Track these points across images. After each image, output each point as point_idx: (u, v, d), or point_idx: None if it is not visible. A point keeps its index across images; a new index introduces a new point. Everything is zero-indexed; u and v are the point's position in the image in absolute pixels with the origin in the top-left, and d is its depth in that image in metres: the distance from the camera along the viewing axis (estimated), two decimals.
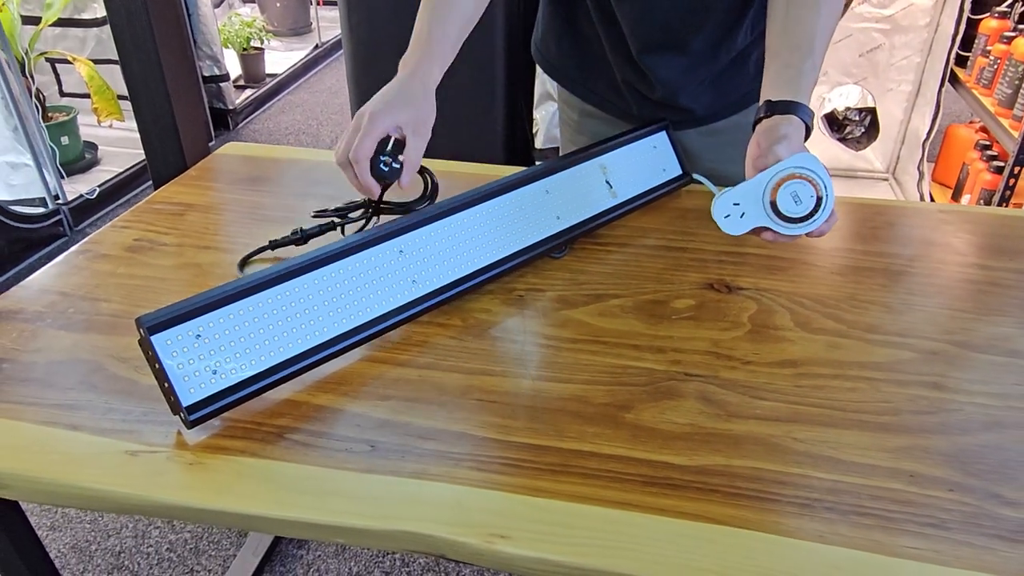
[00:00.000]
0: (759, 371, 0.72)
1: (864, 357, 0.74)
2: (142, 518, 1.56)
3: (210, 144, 3.32)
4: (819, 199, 0.75)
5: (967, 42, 2.62)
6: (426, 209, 0.80)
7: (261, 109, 3.93)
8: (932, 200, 2.77)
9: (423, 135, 0.83)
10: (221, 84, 3.48)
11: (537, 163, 2.11)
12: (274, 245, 0.91)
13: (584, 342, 0.75)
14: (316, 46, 4.80)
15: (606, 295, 0.83)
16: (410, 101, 0.83)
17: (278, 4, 5.14)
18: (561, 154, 1.13)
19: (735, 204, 0.77)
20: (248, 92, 3.95)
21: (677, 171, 1.06)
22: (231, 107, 3.57)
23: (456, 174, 1.14)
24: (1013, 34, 2.25)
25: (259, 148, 1.23)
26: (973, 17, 2.57)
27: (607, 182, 0.97)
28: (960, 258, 0.92)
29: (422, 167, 0.87)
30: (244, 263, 0.88)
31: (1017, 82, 2.13)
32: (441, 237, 0.80)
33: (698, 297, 0.83)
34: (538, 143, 2.01)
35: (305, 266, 0.69)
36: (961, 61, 2.66)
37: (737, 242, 0.95)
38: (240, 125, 3.68)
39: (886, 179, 3.12)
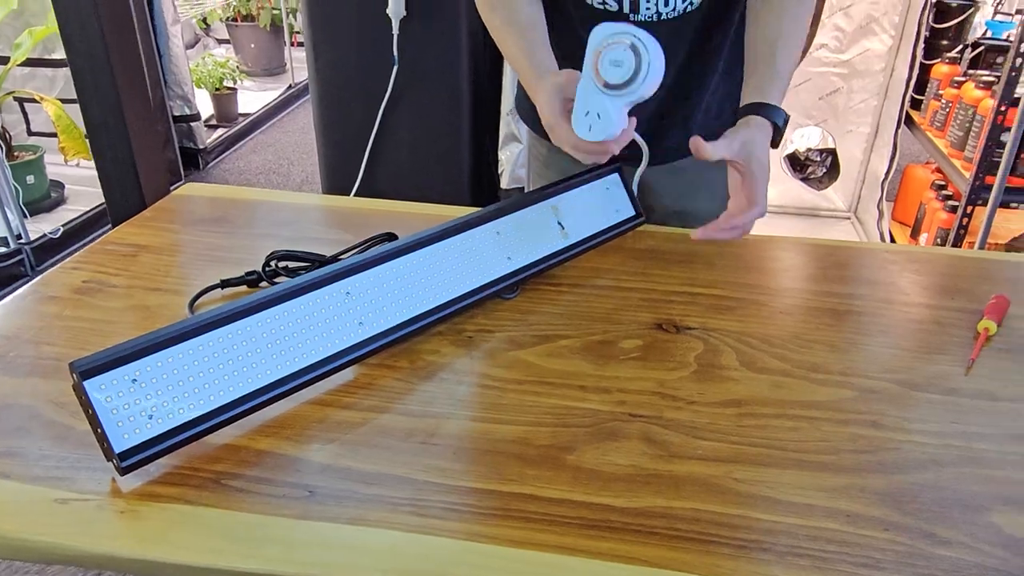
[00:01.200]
0: (703, 411, 0.72)
1: (807, 396, 0.75)
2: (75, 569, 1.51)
3: (178, 184, 3.32)
4: (639, 58, 0.76)
5: (921, 86, 2.71)
6: (375, 251, 0.80)
7: (232, 148, 3.93)
8: (892, 238, 2.83)
9: None
10: (192, 124, 3.48)
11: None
12: (225, 284, 0.90)
13: (530, 383, 0.76)
14: (289, 86, 4.84)
15: (555, 336, 0.84)
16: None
17: (252, 45, 5.19)
18: (530, 189, 1.15)
19: (586, 113, 0.80)
20: (220, 131, 3.96)
21: (630, 212, 1.07)
22: (202, 146, 3.57)
23: (418, 215, 1.14)
24: (963, 79, 2.34)
25: (218, 189, 1.23)
26: (925, 62, 2.67)
27: (559, 223, 0.98)
28: (904, 297, 0.94)
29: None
30: (194, 304, 0.88)
31: (967, 125, 2.20)
32: (390, 279, 0.80)
33: (646, 337, 0.84)
34: (503, 183, 2.04)
35: (247, 309, 0.69)
36: (916, 104, 2.75)
37: (688, 282, 0.96)
38: (211, 164, 3.68)
39: (848, 218, 3.18)
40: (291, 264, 0.94)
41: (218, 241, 1.04)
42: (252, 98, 4.60)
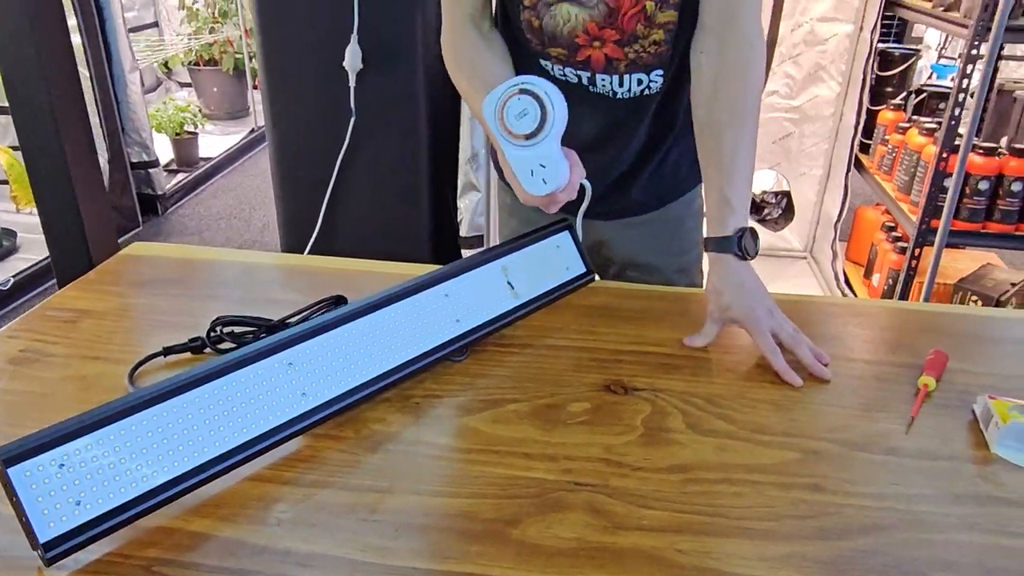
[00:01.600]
0: (649, 478, 0.72)
1: (751, 459, 0.75)
2: None
3: (135, 230, 3.27)
4: (536, 98, 0.79)
5: (869, 131, 2.80)
6: (319, 319, 0.80)
7: (193, 193, 3.90)
8: (846, 279, 2.89)
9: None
10: (150, 170, 3.45)
11: (445, 264, 2.14)
12: (167, 352, 0.89)
13: (477, 452, 0.75)
14: (252, 130, 4.83)
15: (503, 400, 0.83)
16: None
17: (215, 89, 5.19)
18: (499, 237, 1.16)
19: (531, 172, 0.84)
20: (180, 176, 3.93)
21: (581, 269, 1.08)
22: (160, 192, 3.54)
23: (371, 273, 1.14)
24: (907, 125, 2.42)
25: (166, 248, 1.21)
26: (872, 108, 2.76)
27: (509, 283, 0.98)
28: (848, 352, 0.96)
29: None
30: (133, 374, 0.86)
31: (913, 170, 2.27)
32: (335, 347, 0.79)
33: (595, 400, 0.84)
34: (463, 231, 2.05)
35: (181, 386, 0.67)
36: (865, 148, 2.84)
37: (638, 340, 0.97)
38: (170, 210, 3.64)
39: (804, 257, 3.25)
40: (237, 329, 0.92)
41: (164, 304, 1.03)
42: (214, 142, 4.59)
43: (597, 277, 1.11)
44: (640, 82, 1.01)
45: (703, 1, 0.94)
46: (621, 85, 1.01)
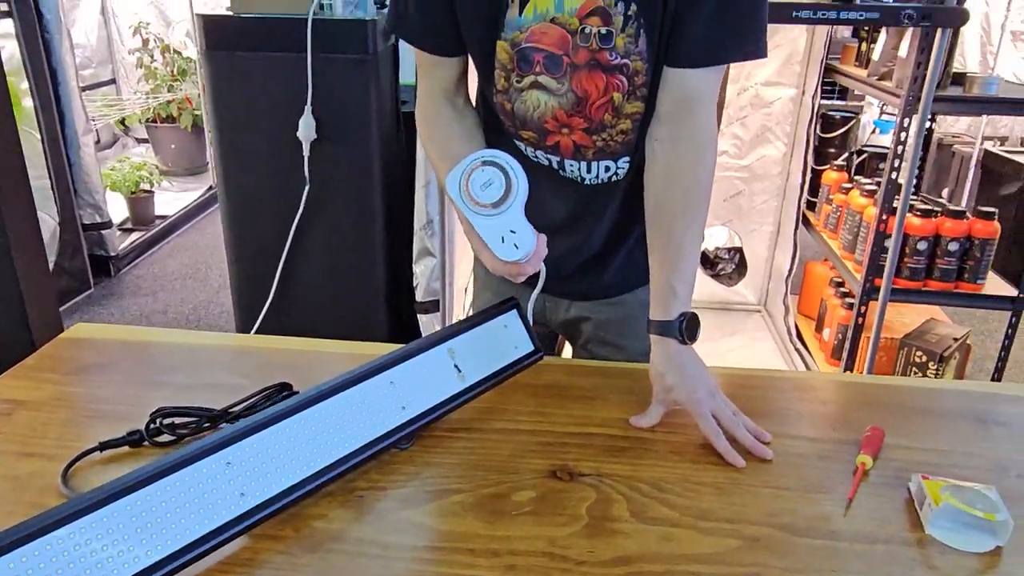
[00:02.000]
0: (592, 572, 0.72)
1: (693, 548, 0.76)
2: None
3: (88, 292, 3.20)
4: (499, 167, 0.83)
5: (816, 188, 2.90)
6: (259, 416, 0.79)
7: (148, 253, 3.85)
8: (798, 333, 2.95)
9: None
10: (103, 231, 3.40)
11: (401, 330, 2.14)
12: (104, 447, 0.87)
13: (420, 549, 0.74)
14: (211, 186, 4.80)
15: (448, 490, 0.83)
16: None
17: (172, 146, 5.17)
18: (472, 309, 1.16)
19: (501, 240, 0.87)
20: (135, 236, 3.88)
21: (529, 348, 1.09)
22: (113, 253, 3.49)
23: (319, 354, 1.13)
24: (850, 186, 2.51)
25: (109, 329, 1.19)
26: (816, 168, 2.86)
27: (456, 366, 0.98)
28: (789, 428, 0.97)
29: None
30: (67, 472, 0.83)
31: (856, 229, 2.35)
32: (275, 443, 0.78)
33: (540, 487, 0.84)
34: (419, 296, 2.05)
35: (113, 494, 0.66)
36: (812, 205, 2.93)
37: (585, 421, 0.97)
38: (123, 271, 3.59)
39: (759, 311, 3.32)
40: (177, 420, 0.91)
41: (104, 392, 1.01)
42: (171, 199, 4.55)
43: (545, 355, 1.12)
44: (607, 169, 1.04)
45: (660, 91, 0.96)
46: (589, 171, 1.04)
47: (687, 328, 0.96)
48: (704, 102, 0.96)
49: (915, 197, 2.54)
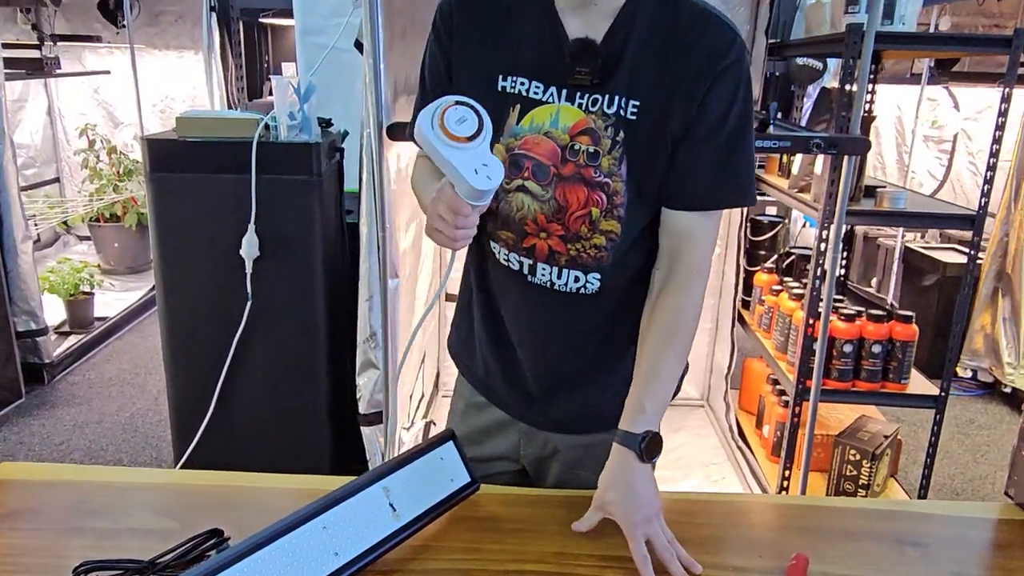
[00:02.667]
0: None
1: None
2: None
3: (19, 402, 3.09)
4: (470, 106, 0.91)
5: (750, 287, 3.02)
6: (187, 573, 0.78)
7: (85, 357, 3.75)
8: (739, 429, 3.01)
9: None
10: (38, 338, 3.31)
11: (344, 445, 2.13)
12: None
13: None
14: (153, 286, 4.73)
15: None
16: None
17: (116, 244, 5.11)
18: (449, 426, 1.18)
19: (475, 171, 0.91)
20: (72, 340, 3.78)
21: (465, 479, 1.10)
22: (48, 360, 3.39)
23: (254, 490, 1.12)
24: (779, 288, 2.63)
25: (29, 468, 1.16)
26: (749, 269, 2.99)
27: (390, 504, 0.99)
28: (720, 557, 1.00)
29: None
30: None
31: (786, 331, 2.45)
32: None
33: None
34: (362, 409, 2.04)
35: None
36: (747, 304, 3.05)
37: (519, 556, 0.98)
38: (57, 378, 3.48)
39: (702, 406, 3.38)
40: (103, 574, 0.89)
41: (23, 542, 0.98)
42: (112, 299, 4.47)
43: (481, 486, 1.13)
44: (577, 279, 1.09)
45: (660, 227, 1.06)
46: (559, 278, 1.09)
47: (647, 446, 1.00)
48: (697, 241, 1.05)
49: (840, 298, 2.67)
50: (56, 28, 4.92)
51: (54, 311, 3.89)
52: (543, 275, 1.10)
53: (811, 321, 2.20)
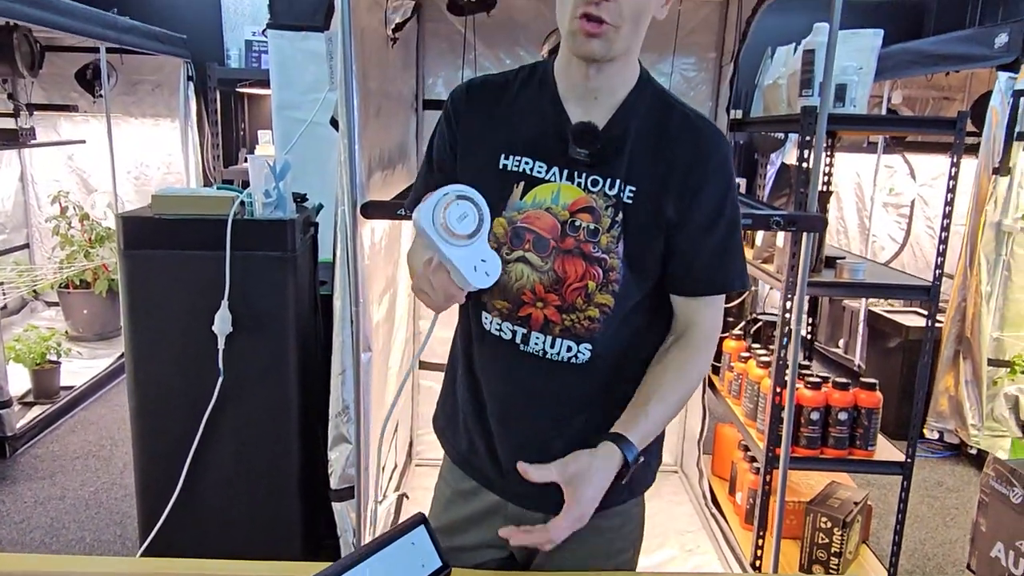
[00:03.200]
0: None
1: None
2: None
3: None
4: (472, 202, 0.92)
5: (719, 353, 3.07)
6: None
7: (49, 429, 3.67)
8: (713, 496, 3.02)
9: None
10: (1, 411, 3.24)
11: (315, 520, 2.11)
12: None
13: None
14: (122, 354, 4.68)
15: None
16: None
17: (85, 311, 5.05)
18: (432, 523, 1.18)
19: (474, 268, 0.94)
20: (37, 411, 3.71)
21: (436, 564, 1.10)
22: (10, 433, 3.31)
23: None
24: (747, 355, 2.68)
25: None
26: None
27: None
28: None
29: None
30: None
31: (755, 398, 2.49)
32: None
33: None
34: (333, 483, 2.02)
35: None
36: (717, 370, 3.09)
37: None
38: (20, 451, 3.39)
39: (675, 472, 3.38)
40: None
41: None
42: (79, 367, 4.39)
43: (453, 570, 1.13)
44: (570, 348, 1.13)
45: (674, 308, 1.14)
46: (552, 347, 1.13)
47: (634, 457, 1.05)
48: (707, 318, 1.14)
49: (807, 364, 2.73)
50: (32, 97, 4.96)
51: (19, 380, 3.82)
52: (536, 344, 1.13)
53: (778, 390, 2.25)
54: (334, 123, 1.95)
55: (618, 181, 1.08)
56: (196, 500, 2.04)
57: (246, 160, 5.48)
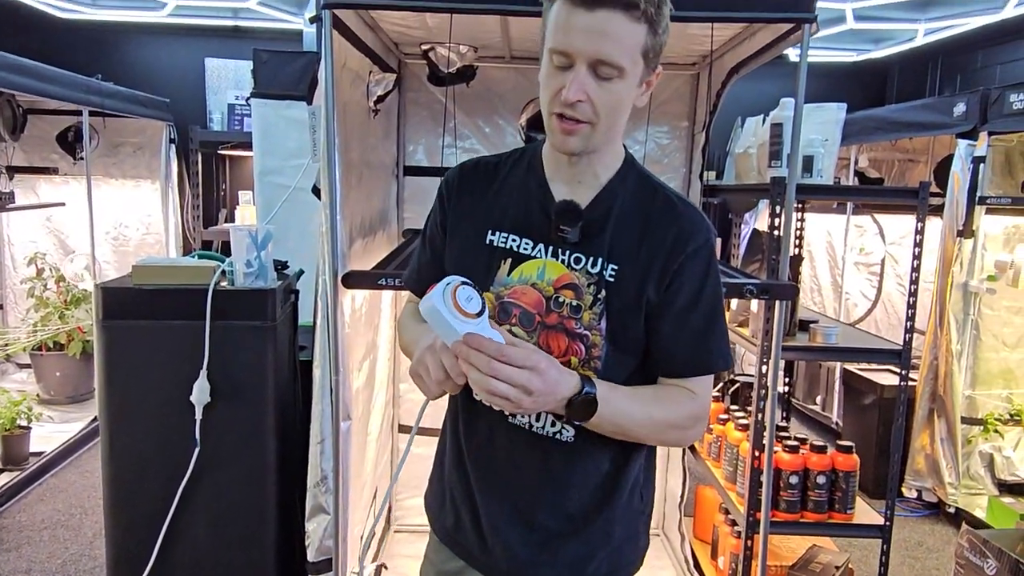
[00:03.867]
0: None
1: None
2: None
3: None
4: (481, 299, 1.03)
5: None
6: None
7: (17, 497, 3.56)
8: (695, 560, 2.99)
9: None
10: None
11: None
12: None
13: None
14: (95, 417, 4.59)
15: None
16: None
17: (57, 373, 4.97)
18: None
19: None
20: (4, 478, 3.60)
21: None
22: None
23: None
24: (726, 417, 2.70)
25: None
26: None
27: None
28: None
29: None
30: None
31: (735, 462, 2.50)
32: None
33: None
34: (311, 556, 1.99)
35: None
36: None
37: None
38: None
39: (657, 535, 3.35)
40: None
41: None
42: (50, 431, 4.30)
43: None
44: (555, 424, 1.15)
45: (663, 380, 1.17)
46: (538, 420, 1.15)
47: (583, 400, 1.06)
48: (700, 390, 1.17)
49: (784, 426, 2.75)
50: (13, 159, 4.97)
51: None
52: (522, 417, 1.15)
53: (757, 453, 2.26)
54: (316, 191, 1.99)
55: (600, 259, 1.12)
56: (170, 572, 1.99)
57: (227, 220, 5.51)
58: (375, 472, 2.79)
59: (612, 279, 1.12)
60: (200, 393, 1.88)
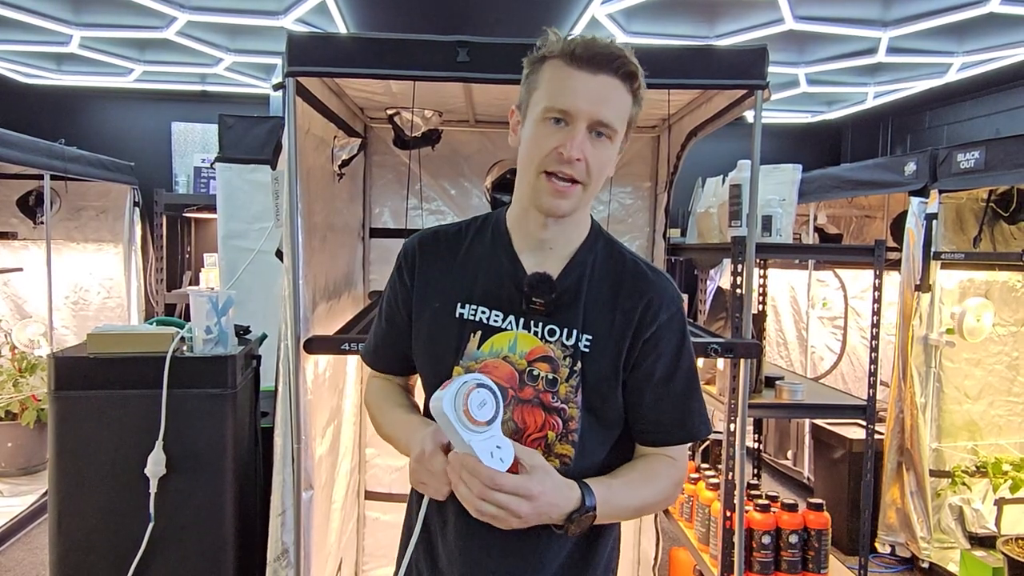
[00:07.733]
0: None
1: None
2: None
3: None
4: (489, 389, 0.95)
5: None
6: None
7: None
8: None
9: None
10: None
11: None
12: None
13: None
14: (45, 492, 4.40)
15: None
16: None
17: (9, 444, 4.78)
18: None
19: (491, 454, 0.95)
20: None
21: None
22: None
23: None
24: (697, 476, 2.67)
25: None
26: None
27: None
28: None
29: None
30: None
31: (707, 522, 2.47)
32: None
33: None
34: None
35: None
36: None
37: None
38: None
39: None
40: None
41: None
42: (1, 505, 4.11)
43: None
44: None
45: (645, 448, 1.16)
46: None
47: (582, 517, 1.03)
48: (679, 455, 1.16)
49: (756, 483, 2.73)
50: None
51: None
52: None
53: (728, 514, 2.23)
54: (279, 254, 1.97)
55: (575, 331, 1.10)
56: None
57: (192, 283, 5.44)
58: (340, 543, 2.69)
59: (587, 350, 1.10)
60: (155, 465, 1.82)
